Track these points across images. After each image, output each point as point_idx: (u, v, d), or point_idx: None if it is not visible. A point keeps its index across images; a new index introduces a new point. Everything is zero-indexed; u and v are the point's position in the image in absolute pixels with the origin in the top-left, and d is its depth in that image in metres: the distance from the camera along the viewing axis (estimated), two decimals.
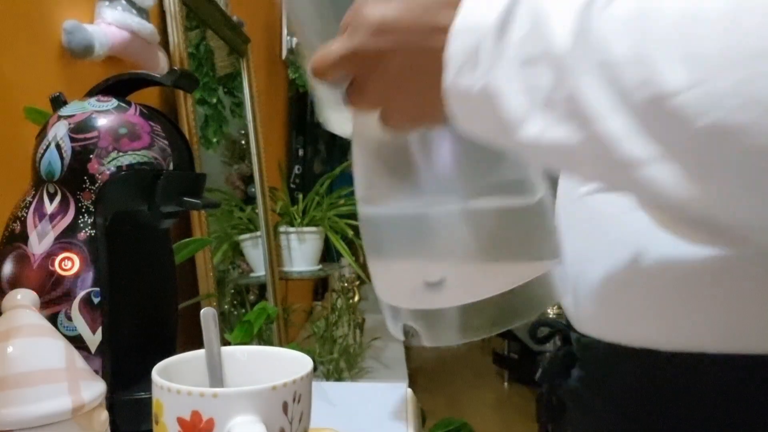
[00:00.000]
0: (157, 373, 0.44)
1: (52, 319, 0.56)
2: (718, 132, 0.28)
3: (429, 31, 0.37)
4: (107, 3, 0.95)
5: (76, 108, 0.60)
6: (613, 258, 0.46)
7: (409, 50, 0.38)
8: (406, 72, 0.39)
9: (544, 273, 0.47)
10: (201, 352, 0.50)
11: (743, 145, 0.27)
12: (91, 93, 0.64)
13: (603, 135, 0.31)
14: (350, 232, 1.90)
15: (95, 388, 0.47)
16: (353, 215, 1.96)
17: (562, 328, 0.57)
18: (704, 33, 0.28)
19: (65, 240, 0.58)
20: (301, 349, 0.72)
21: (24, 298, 0.49)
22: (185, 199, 0.63)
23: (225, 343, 0.52)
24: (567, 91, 0.32)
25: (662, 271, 0.43)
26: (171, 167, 0.62)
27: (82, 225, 0.58)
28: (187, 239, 0.92)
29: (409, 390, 0.88)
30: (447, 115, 0.38)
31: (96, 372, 0.55)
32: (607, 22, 0.31)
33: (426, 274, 0.48)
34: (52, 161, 0.58)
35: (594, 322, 0.49)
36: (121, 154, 0.59)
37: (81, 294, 0.57)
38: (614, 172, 0.32)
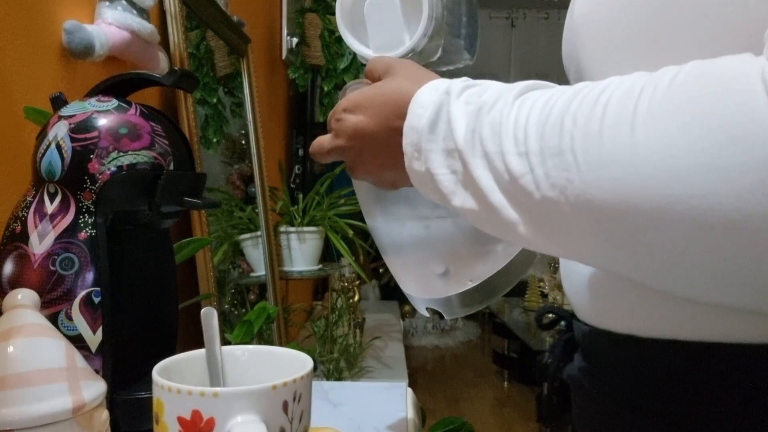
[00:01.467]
0: (157, 372, 0.44)
1: (53, 319, 0.56)
2: (545, 203, 0.40)
3: (389, 132, 0.53)
4: (107, 3, 0.95)
5: (77, 108, 0.60)
6: None
7: (378, 146, 0.55)
8: (379, 159, 0.56)
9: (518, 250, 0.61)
10: (201, 351, 0.50)
11: (560, 212, 0.39)
12: (92, 93, 0.65)
13: (491, 206, 0.44)
14: (350, 232, 1.90)
15: (96, 388, 0.47)
16: (353, 215, 1.96)
17: (566, 315, 0.60)
18: (530, 136, 0.41)
19: (66, 240, 0.58)
20: (302, 349, 0.72)
21: (24, 297, 0.49)
22: (185, 198, 0.63)
23: (225, 342, 0.53)
24: (469, 174, 0.45)
25: None
26: (171, 167, 0.62)
27: (82, 225, 0.58)
28: (188, 239, 0.92)
29: (409, 389, 0.88)
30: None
31: (96, 371, 0.55)
32: (485, 125, 0.44)
33: (433, 267, 0.64)
34: (53, 161, 0.58)
35: (588, 310, 0.51)
36: (121, 154, 0.59)
37: (81, 294, 0.57)
38: (504, 232, 0.45)
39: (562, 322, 0.62)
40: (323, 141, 0.60)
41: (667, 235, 0.35)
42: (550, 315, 0.64)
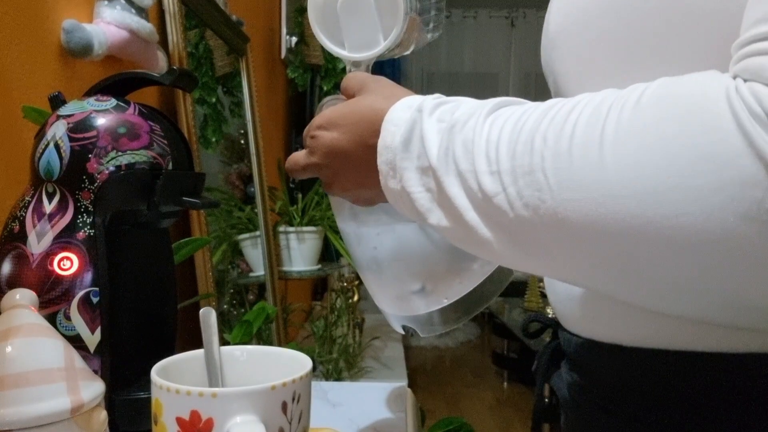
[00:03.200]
0: (156, 372, 0.44)
1: (51, 319, 0.56)
2: (520, 222, 0.40)
3: (364, 150, 0.53)
4: (106, 2, 0.95)
5: (75, 107, 0.60)
6: None
7: (353, 164, 0.54)
8: (355, 177, 0.55)
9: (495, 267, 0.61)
10: (200, 351, 0.49)
11: (534, 231, 0.40)
12: (90, 92, 0.64)
13: (466, 224, 0.44)
14: None
15: (94, 388, 0.47)
16: None
17: (551, 323, 0.60)
18: (501, 155, 0.41)
19: (64, 239, 0.58)
20: (301, 349, 0.72)
21: (23, 297, 0.49)
22: (184, 198, 0.63)
23: (224, 342, 0.52)
24: (443, 192, 0.45)
25: None
26: (170, 167, 0.62)
27: (81, 224, 0.58)
28: (187, 239, 0.92)
29: (409, 390, 0.88)
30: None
31: (95, 372, 0.55)
32: (458, 144, 0.44)
33: (409, 285, 0.62)
34: (51, 161, 0.58)
35: (573, 319, 0.51)
36: (120, 153, 0.59)
37: (80, 294, 0.57)
38: (480, 250, 0.45)
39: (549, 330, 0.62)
40: (298, 158, 0.59)
41: (641, 254, 0.36)
42: (537, 323, 0.65)
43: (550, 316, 0.63)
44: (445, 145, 0.45)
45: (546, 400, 0.62)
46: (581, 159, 0.37)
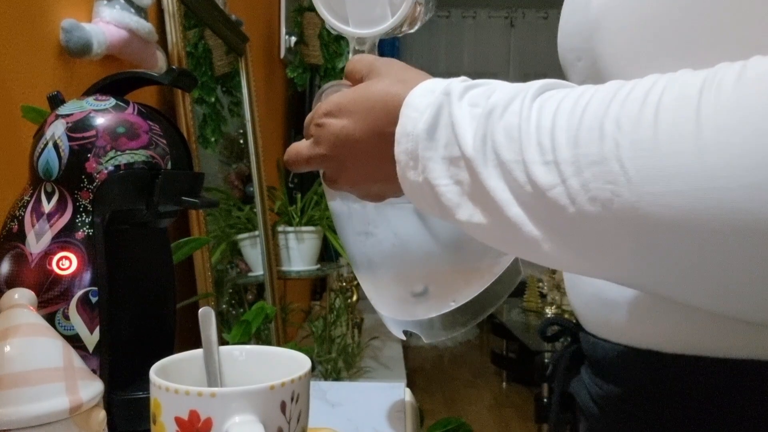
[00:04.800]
0: (154, 372, 0.44)
1: (50, 319, 0.56)
2: (581, 218, 0.35)
3: (378, 139, 0.48)
4: (105, 2, 0.95)
5: (74, 107, 0.60)
6: None
7: (365, 154, 0.49)
8: (366, 169, 0.50)
9: (505, 267, 0.56)
10: (199, 351, 0.49)
11: (599, 229, 0.35)
12: (89, 92, 0.64)
13: (508, 221, 0.39)
14: None
15: (93, 388, 0.47)
16: None
17: (571, 326, 0.57)
18: (559, 143, 0.36)
19: (63, 239, 0.57)
20: (300, 349, 0.72)
21: (21, 297, 0.49)
22: (183, 198, 0.63)
23: (223, 342, 0.52)
24: (479, 185, 0.40)
25: None
26: (169, 166, 0.62)
27: (79, 224, 0.58)
28: (186, 238, 0.92)
29: (408, 390, 0.88)
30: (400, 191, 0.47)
31: (94, 371, 0.55)
32: (499, 131, 0.39)
33: (411, 287, 0.57)
34: (50, 160, 0.58)
35: (598, 322, 0.49)
36: (119, 153, 0.59)
37: (79, 293, 0.57)
38: (522, 250, 0.40)
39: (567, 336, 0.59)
40: (300, 148, 0.54)
41: (742, 252, 0.31)
42: (555, 327, 0.61)
43: (550, 314, 0.61)
44: (482, 132, 0.40)
45: (545, 400, 0.60)
46: (671, 145, 0.32)
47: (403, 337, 0.61)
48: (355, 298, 2.35)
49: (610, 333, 0.48)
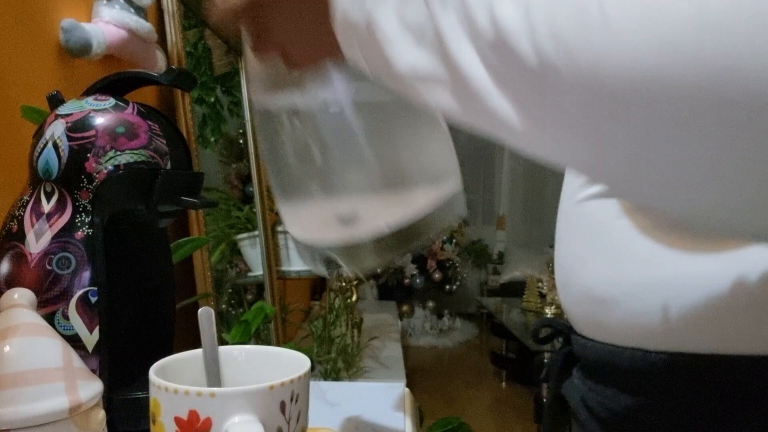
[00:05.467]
0: (154, 372, 0.44)
1: (49, 318, 0.56)
2: (541, 72, 0.28)
3: None
4: (105, 1, 0.95)
5: (74, 107, 0.60)
6: (602, 261, 0.48)
7: None
8: (299, 13, 0.42)
9: (448, 193, 0.50)
10: (198, 351, 0.49)
11: (560, 86, 0.28)
12: (89, 92, 0.64)
13: (460, 70, 0.32)
14: None
15: (92, 388, 0.47)
16: None
17: (563, 328, 0.58)
18: None
19: (62, 239, 0.57)
20: (299, 349, 0.72)
21: (21, 297, 0.49)
22: (183, 198, 0.63)
23: (222, 342, 0.52)
24: (433, 28, 0.32)
25: (645, 273, 0.44)
26: (169, 166, 0.62)
27: (79, 224, 0.58)
28: (185, 238, 0.92)
29: (407, 389, 0.88)
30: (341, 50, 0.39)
31: (93, 371, 0.55)
32: None
33: (337, 210, 0.51)
34: (50, 160, 0.58)
35: (587, 321, 0.50)
36: (118, 153, 0.59)
37: (78, 293, 0.57)
38: (468, 104, 0.33)
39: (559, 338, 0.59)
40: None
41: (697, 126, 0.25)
42: (548, 329, 0.61)
43: (546, 316, 0.61)
44: None
45: (545, 400, 0.60)
46: None
47: (323, 271, 0.54)
48: (354, 298, 2.35)
49: (599, 332, 0.48)
